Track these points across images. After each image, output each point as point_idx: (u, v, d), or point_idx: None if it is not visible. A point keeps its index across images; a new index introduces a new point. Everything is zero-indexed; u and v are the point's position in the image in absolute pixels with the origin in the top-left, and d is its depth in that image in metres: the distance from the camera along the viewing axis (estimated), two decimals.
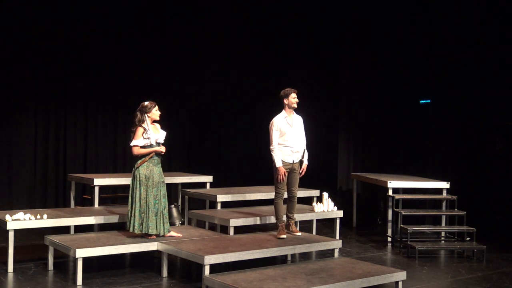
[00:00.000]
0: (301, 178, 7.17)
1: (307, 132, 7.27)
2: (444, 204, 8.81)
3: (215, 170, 10.47)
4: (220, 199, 8.10)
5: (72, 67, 10.09)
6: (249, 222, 7.52)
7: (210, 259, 5.90)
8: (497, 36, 10.06)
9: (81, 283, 6.05)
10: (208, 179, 9.21)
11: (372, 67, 11.42)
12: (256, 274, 5.79)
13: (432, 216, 9.55)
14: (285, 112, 7.05)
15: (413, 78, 11.07)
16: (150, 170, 6.62)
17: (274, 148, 6.95)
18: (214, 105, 11.51)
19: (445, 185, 8.80)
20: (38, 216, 6.90)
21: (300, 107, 7.08)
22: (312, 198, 8.78)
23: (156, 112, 6.73)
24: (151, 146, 6.63)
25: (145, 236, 6.64)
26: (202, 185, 9.18)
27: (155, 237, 6.63)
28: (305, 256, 7.58)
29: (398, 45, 11.14)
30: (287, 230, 7.12)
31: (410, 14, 10.94)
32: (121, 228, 7.21)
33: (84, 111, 10.26)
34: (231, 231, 7.24)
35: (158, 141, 6.71)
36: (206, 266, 5.84)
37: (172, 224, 7.35)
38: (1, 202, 9.45)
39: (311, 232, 8.30)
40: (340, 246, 7.08)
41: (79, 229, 7.61)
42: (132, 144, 6.61)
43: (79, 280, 6.05)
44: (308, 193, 8.77)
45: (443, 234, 8.82)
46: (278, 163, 6.91)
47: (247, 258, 6.26)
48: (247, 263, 6.28)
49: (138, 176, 6.59)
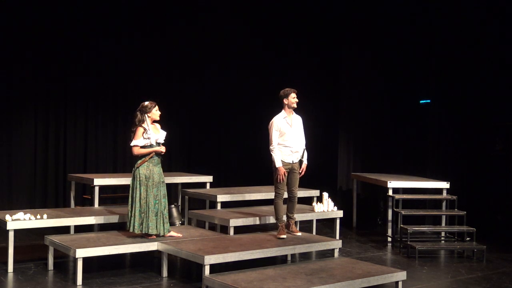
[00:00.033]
0: (301, 178, 7.17)
1: (307, 132, 7.26)
2: (444, 204, 8.81)
3: (215, 170, 10.47)
4: (220, 199, 8.10)
5: (72, 67, 10.09)
6: (249, 222, 7.52)
7: (210, 259, 5.90)
8: (497, 36, 10.06)
9: (81, 283, 6.05)
10: (208, 179, 9.21)
11: (372, 67, 11.42)
12: (256, 274, 5.79)
13: (432, 216, 9.55)
14: (284, 112, 7.04)
15: (413, 78, 11.06)
16: (150, 170, 6.62)
17: (274, 148, 6.94)
18: (214, 105, 11.51)
19: (445, 185, 8.80)
20: (38, 216, 6.90)
21: (300, 107, 7.07)
22: (312, 198, 8.78)
23: (156, 112, 6.74)
24: (151, 146, 6.64)
25: (145, 236, 6.64)
26: (202, 185, 9.18)
27: (155, 237, 6.63)
28: (305, 256, 7.58)
29: (398, 45, 11.14)
30: (287, 230, 7.12)
31: (410, 14, 10.94)
32: (121, 228, 7.21)
33: (84, 111, 10.26)
34: (231, 231, 7.24)
35: (158, 141, 6.71)
36: (206, 266, 5.85)
37: (172, 224, 7.35)
38: (1, 202, 9.45)
39: (311, 232, 8.30)
40: (340, 246, 7.09)
41: (79, 229, 7.61)
42: (132, 144, 6.61)
43: (79, 280, 6.05)
44: (308, 193, 8.77)
45: (443, 234, 8.82)
46: (278, 163, 6.91)
47: (247, 258, 6.26)
48: (247, 263, 6.27)
49: (138, 176, 6.59)
